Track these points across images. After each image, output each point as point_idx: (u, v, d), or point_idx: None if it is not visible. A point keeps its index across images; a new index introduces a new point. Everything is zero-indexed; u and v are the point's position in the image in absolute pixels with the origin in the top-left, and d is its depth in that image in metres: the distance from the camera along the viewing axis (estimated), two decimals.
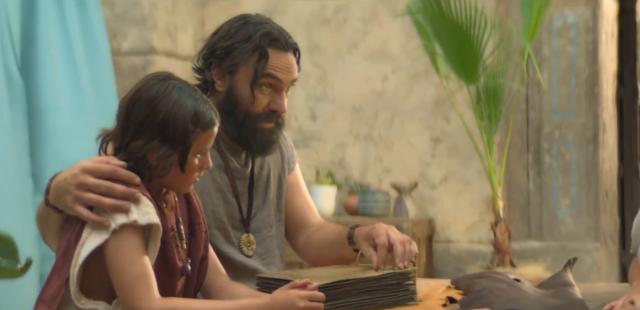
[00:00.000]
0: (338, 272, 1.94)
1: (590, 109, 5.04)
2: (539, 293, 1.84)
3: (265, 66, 2.05)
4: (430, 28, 4.57)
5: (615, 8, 5.60)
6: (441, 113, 5.16)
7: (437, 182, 5.16)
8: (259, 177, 2.21)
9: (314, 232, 2.26)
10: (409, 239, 1.99)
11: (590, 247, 5.06)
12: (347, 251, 2.11)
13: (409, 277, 1.90)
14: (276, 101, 2.08)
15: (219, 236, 2.12)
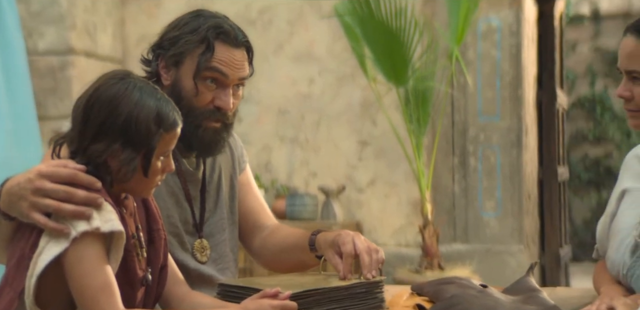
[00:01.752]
0: (305, 280, 1.87)
1: (514, 112, 5.10)
2: (511, 299, 1.81)
3: (210, 59, 1.97)
4: (359, 30, 4.54)
5: (535, 12, 5.70)
6: (368, 116, 5.14)
7: (364, 185, 5.15)
8: (210, 179, 2.12)
9: (269, 234, 2.18)
10: (375, 247, 1.94)
11: (514, 249, 5.11)
12: (308, 257, 2.05)
13: (378, 286, 1.86)
14: (221, 97, 1.99)
15: (174, 242, 2.02)
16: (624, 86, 1.82)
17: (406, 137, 4.61)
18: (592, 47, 9.34)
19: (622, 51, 1.82)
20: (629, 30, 1.82)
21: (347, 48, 4.93)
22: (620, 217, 1.94)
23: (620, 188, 1.99)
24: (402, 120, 4.70)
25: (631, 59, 1.79)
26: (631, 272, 1.84)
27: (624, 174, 2.01)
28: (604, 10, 9.34)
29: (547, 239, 5.77)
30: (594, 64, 9.33)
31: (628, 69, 1.80)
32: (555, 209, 5.79)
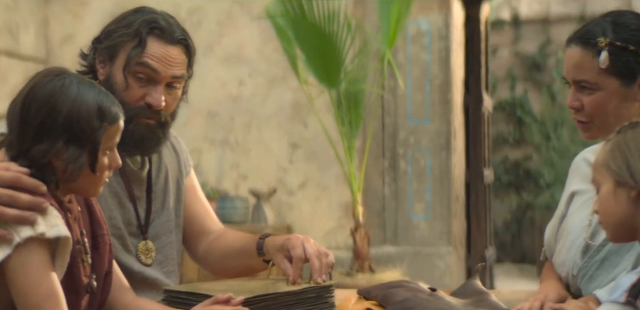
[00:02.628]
0: (254, 285, 1.84)
1: (443, 115, 5.15)
2: (461, 303, 1.81)
3: (141, 54, 1.92)
4: (291, 32, 4.53)
5: (462, 16, 5.76)
6: (299, 118, 5.13)
7: (295, 188, 5.13)
8: (157, 180, 2.07)
9: (215, 239, 2.14)
10: (325, 251, 1.91)
11: (443, 251, 5.16)
12: (256, 262, 2.01)
13: (329, 291, 1.83)
14: (152, 94, 1.93)
15: (116, 244, 1.96)
16: (573, 96, 1.81)
17: (338, 140, 4.61)
18: (512, 51, 9.51)
19: (568, 62, 1.81)
20: (572, 41, 1.82)
21: (278, 50, 4.90)
22: (571, 218, 1.96)
23: (569, 191, 2.01)
24: (333, 122, 4.69)
25: (578, 69, 1.79)
26: (582, 273, 1.86)
27: (572, 177, 2.03)
28: (523, 15, 9.52)
29: (473, 240, 5.84)
30: (514, 68, 9.50)
31: (576, 79, 1.80)
32: (481, 211, 5.87)
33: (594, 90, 1.80)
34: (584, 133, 1.85)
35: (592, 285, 1.82)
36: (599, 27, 1.80)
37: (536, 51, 9.50)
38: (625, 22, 1.81)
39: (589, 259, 1.85)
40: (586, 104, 1.81)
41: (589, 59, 1.78)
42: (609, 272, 1.82)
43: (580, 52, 1.79)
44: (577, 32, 1.83)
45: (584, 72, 1.79)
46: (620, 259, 1.81)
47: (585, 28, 1.82)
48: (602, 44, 1.77)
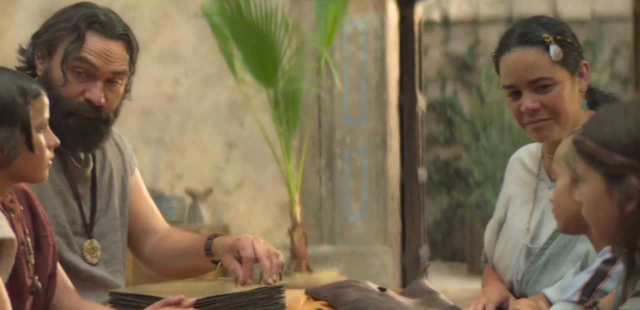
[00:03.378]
0: (203, 287, 1.81)
1: (379, 114, 5.18)
2: (413, 303, 1.82)
3: (79, 49, 1.88)
4: (228, 30, 4.50)
5: (397, 16, 5.80)
6: (236, 117, 5.10)
7: (232, 188, 5.10)
8: (101, 178, 2.02)
9: (161, 239, 2.10)
10: (275, 251, 1.90)
11: (379, 250, 5.19)
12: (203, 262, 1.99)
13: (280, 291, 1.82)
14: (91, 90, 1.89)
15: (61, 243, 1.91)
16: (530, 99, 1.80)
17: (275, 139, 4.59)
18: (443, 52, 9.61)
19: (517, 65, 1.80)
20: (518, 44, 1.80)
21: (214, 48, 4.86)
22: (510, 223, 1.97)
23: (505, 194, 2.02)
24: (270, 122, 4.68)
25: (533, 68, 1.79)
26: (526, 278, 1.87)
27: (508, 178, 2.04)
28: (453, 16, 9.63)
29: (408, 239, 5.88)
30: (444, 68, 9.60)
31: (532, 79, 1.79)
32: (415, 210, 5.92)
33: (551, 86, 1.81)
34: (544, 132, 1.84)
35: (537, 289, 1.83)
36: (531, 28, 1.82)
37: (466, 52, 9.62)
38: (549, 22, 1.85)
39: (531, 264, 1.87)
40: (547, 101, 1.82)
41: (540, 56, 1.80)
42: (552, 275, 1.84)
43: (530, 51, 1.80)
44: (519, 36, 1.83)
45: (540, 70, 1.80)
46: (562, 260, 1.83)
47: (519, 32, 1.83)
48: (548, 39, 1.80)
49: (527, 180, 1.98)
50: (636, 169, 1.33)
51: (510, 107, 1.85)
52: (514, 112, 1.85)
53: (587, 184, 1.39)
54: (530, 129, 1.85)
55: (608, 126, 1.37)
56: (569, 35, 1.84)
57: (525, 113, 1.82)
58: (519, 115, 1.84)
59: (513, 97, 1.84)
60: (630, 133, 1.34)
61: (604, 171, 1.36)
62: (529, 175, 1.98)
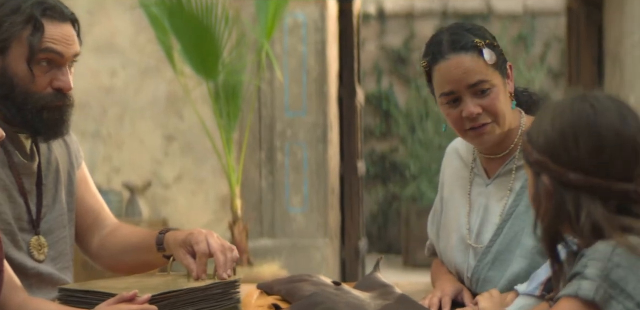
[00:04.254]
0: (156, 282, 1.77)
1: (320, 107, 5.17)
2: (369, 296, 1.80)
3: (41, 40, 1.82)
4: (167, 22, 4.43)
5: (337, 9, 5.79)
6: (175, 110, 5.03)
7: (171, 182, 5.03)
8: (48, 173, 1.96)
9: (110, 234, 2.05)
10: (230, 246, 1.86)
11: (320, 243, 5.18)
12: (155, 257, 1.94)
13: (235, 286, 1.79)
14: (59, 78, 1.84)
15: (7, 241, 1.84)
16: (472, 104, 1.80)
17: (215, 132, 4.54)
18: (379, 45, 9.64)
19: (456, 71, 1.79)
20: (452, 51, 1.80)
21: (152, 40, 4.79)
22: (450, 216, 1.96)
23: (442, 187, 2.02)
24: (210, 115, 4.63)
25: (472, 73, 1.80)
26: (476, 277, 1.87)
27: (445, 171, 2.04)
28: (388, 10, 9.66)
29: (347, 232, 5.89)
30: (380, 61, 9.63)
31: (472, 83, 1.80)
32: (355, 204, 5.92)
33: (490, 90, 1.82)
34: (486, 137, 1.84)
35: (487, 287, 1.83)
36: (460, 35, 1.84)
37: (401, 45, 9.67)
38: (473, 27, 1.87)
39: (479, 262, 1.87)
40: (487, 104, 1.82)
41: (476, 61, 1.81)
42: (503, 272, 1.84)
43: (466, 57, 1.81)
44: (439, 47, 1.82)
45: (478, 74, 1.81)
46: (511, 256, 1.83)
47: (449, 39, 1.83)
48: (481, 44, 1.82)
49: (463, 174, 1.98)
50: (548, 168, 1.35)
51: (450, 115, 1.84)
52: (454, 119, 1.84)
53: (529, 177, 1.42)
54: (473, 135, 1.85)
55: (536, 124, 1.41)
56: (494, 39, 1.87)
57: (467, 119, 1.82)
58: (459, 122, 1.83)
59: (451, 105, 1.83)
60: (547, 133, 1.37)
61: (530, 167, 1.40)
62: (464, 169, 1.99)
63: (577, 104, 1.38)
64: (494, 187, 1.91)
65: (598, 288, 1.26)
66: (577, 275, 1.29)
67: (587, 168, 1.34)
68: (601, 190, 1.33)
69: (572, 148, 1.35)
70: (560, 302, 1.29)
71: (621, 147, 1.34)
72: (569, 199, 1.34)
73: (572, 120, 1.36)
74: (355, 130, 5.89)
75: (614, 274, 1.27)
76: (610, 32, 5.66)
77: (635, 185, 1.33)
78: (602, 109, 1.36)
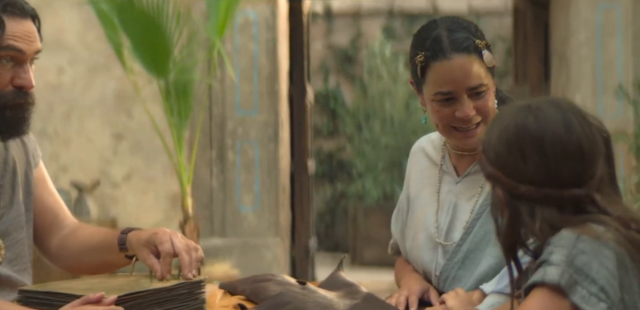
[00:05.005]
0: (119, 283, 1.74)
1: (271, 106, 5.15)
2: (336, 296, 1.79)
3: (2, 37, 1.77)
4: (116, 19, 4.37)
5: (287, 7, 5.77)
6: (124, 108, 4.97)
7: (120, 180, 4.97)
8: (4, 173, 1.91)
9: (69, 234, 2.01)
10: (194, 245, 1.83)
11: (270, 242, 5.16)
12: (116, 257, 1.90)
13: (200, 286, 1.77)
14: (21, 76, 1.80)
15: None
16: (467, 106, 1.79)
17: (165, 131, 4.50)
18: (325, 44, 9.65)
19: (459, 72, 1.77)
20: (455, 51, 1.78)
21: (100, 37, 4.72)
22: (417, 214, 1.95)
23: (408, 186, 2.01)
24: (160, 113, 4.58)
25: (474, 76, 1.78)
26: (445, 275, 1.86)
27: (411, 169, 2.03)
28: (335, 8, 9.68)
29: (297, 231, 5.88)
30: (327, 60, 9.65)
31: (471, 86, 1.78)
32: (305, 202, 5.92)
33: (485, 92, 1.81)
34: (473, 139, 1.83)
35: (456, 286, 1.83)
36: (460, 34, 1.81)
37: (348, 44, 9.70)
38: (469, 25, 1.85)
39: (448, 261, 1.86)
40: (481, 108, 1.81)
41: (477, 62, 1.79)
42: (472, 271, 1.83)
43: (468, 59, 1.79)
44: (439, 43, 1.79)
45: (479, 77, 1.79)
46: (481, 255, 1.83)
47: (448, 37, 1.80)
48: (482, 45, 1.81)
49: (431, 173, 1.97)
50: (500, 181, 1.37)
51: (440, 112, 1.82)
52: (443, 117, 1.82)
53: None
54: (459, 136, 1.84)
55: (487, 136, 1.42)
56: (486, 39, 1.86)
57: (460, 120, 1.81)
58: (447, 120, 1.82)
59: (444, 103, 1.81)
60: (496, 147, 1.39)
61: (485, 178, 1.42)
62: (432, 167, 1.97)
63: (520, 116, 1.40)
64: (463, 185, 1.91)
65: (563, 272, 1.29)
66: (543, 262, 1.32)
67: (537, 180, 1.36)
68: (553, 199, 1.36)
69: (519, 162, 1.37)
70: (530, 293, 1.31)
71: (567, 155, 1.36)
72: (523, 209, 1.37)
73: (516, 134, 1.38)
74: (305, 129, 5.88)
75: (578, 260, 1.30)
76: (556, 31, 5.74)
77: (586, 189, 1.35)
78: (545, 119, 1.38)
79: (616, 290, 1.29)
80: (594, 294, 1.28)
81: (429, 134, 2.06)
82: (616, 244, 1.30)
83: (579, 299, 1.28)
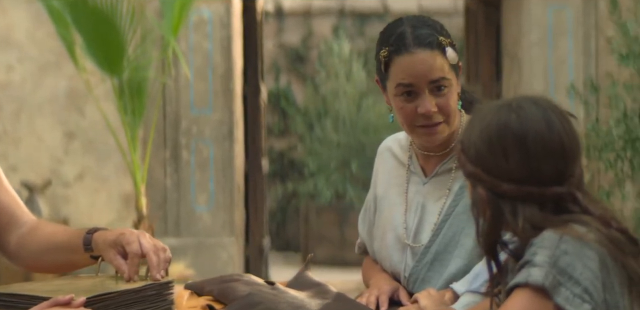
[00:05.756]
0: (86, 284, 1.70)
1: (225, 104, 5.11)
2: (306, 295, 1.78)
3: None
4: (69, 16, 4.30)
5: (240, 6, 5.74)
6: (76, 107, 4.90)
7: (72, 180, 4.90)
8: None
9: (29, 232, 1.95)
10: (162, 245, 1.80)
11: (225, 241, 5.13)
12: (80, 257, 1.86)
13: (169, 287, 1.74)
14: None
15: None
16: (428, 102, 1.79)
17: (119, 129, 4.44)
18: (276, 43, 9.63)
19: (421, 65, 1.78)
20: (418, 46, 1.79)
21: (51, 34, 4.64)
22: (386, 214, 1.95)
23: (375, 186, 2.00)
24: (114, 111, 4.52)
25: (435, 70, 1.79)
26: (414, 276, 1.86)
27: (378, 169, 2.02)
28: (286, 7, 9.67)
29: (252, 230, 5.85)
30: (278, 59, 9.63)
31: (434, 78, 1.79)
32: (259, 201, 5.89)
33: (447, 88, 1.81)
34: (436, 135, 1.83)
35: (425, 287, 1.82)
36: (424, 30, 1.82)
37: (299, 43, 9.69)
38: (434, 24, 1.86)
39: (417, 262, 1.86)
40: (442, 104, 1.81)
41: (439, 58, 1.80)
42: (441, 273, 1.83)
43: (431, 54, 1.79)
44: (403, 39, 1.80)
45: (440, 71, 1.80)
46: (450, 256, 1.83)
47: (412, 33, 1.81)
48: (445, 42, 1.81)
49: (399, 173, 1.96)
50: (482, 179, 1.37)
51: (403, 108, 1.82)
52: (406, 114, 1.82)
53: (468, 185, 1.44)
54: (422, 132, 1.84)
55: (467, 134, 1.42)
56: (451, 37, 1.87)
57: (422, 116, 1.81)
58: (411, 117, 1.82)
59: (406, 98, 1.82)
60: (476, 145, 1.39)
61: (465, 177, 1.41)
62: (399, 167, 1.97)
63: (502, 114, 1.40)
64: (431, 185, 1.90)
65: (547, 274, 1.29)
66: (527, 263, 1.32)
67: (519, 178, 1.36)
68: (535, 196, 1.36)
69: (501, 160, 1.37)
70: (513, 294, 1.30)
71: (549, 153, 1.37)
72: (505, 208, 1.37)
73: (498, 132, 1.38)
74: (260, 128, 5.86)
75: (562, 261, 1.30)
76: (508, 31, 5.80)
77: (567, 187, 1.36)
78: (527, 117, 1.38)
79: (599, 291, 1.29)
80: (577, 295, 1.28)
81: (395, 134, 2.05)
82: (598, 244, 1.30)
83: (563, 300, 1.28)
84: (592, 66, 5.22)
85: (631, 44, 4.39)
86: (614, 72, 4.61)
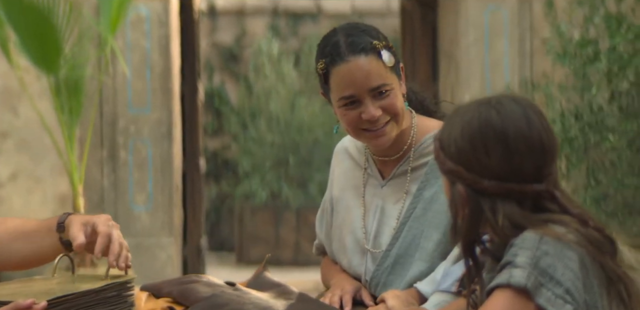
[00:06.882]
0: (43, 287, 1.66)
1: (164, 104, 5.06)
2: (269, 296, 1.76)
3: None
4: (2, 12, 4.19)
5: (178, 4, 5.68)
6: (9, 105, 4.78)
7: (5, 180, 4.78)
8: None
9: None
10: (126, 245, 1.77)
11: (164, 242, 5.08)
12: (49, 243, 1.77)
13: (128, 288, 1.70)
14: None
15: None
16: (372, 107, 1.77)
17: (55, 128, 4.35)
18: (210, 42, 9.58)
19: (357, 73, 1.76)
20: (352, 53, 1.77)
21: None
22: (344, 216, 1.94)
23: (332, 186, 1.99)
24: (50, 110, 4.42)
25: (374, 75, 1.77)
26: (375, 280, 1.85)
27: (334, 170, 2.01)
28: (219, 6, 9.63)
29: (189, 230, 5.80)
30: (211, 58, 9.58)
31: (374, 86, 1.77)
32: (197, 201, 5.85)
33: (389, 91, 1.79)
34: (383, 138, 1.82)
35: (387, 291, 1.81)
36: (358, 36, 1.80)
37: (232, 42, 9.65)
38: (368, 28, 1.85)
39: (378, 266, 1.85)
40: (386, 105, 1.79)
41: (375, 63, 1.78)
42: (403, 276, 1.83)
43: (366, 59, 1.78)
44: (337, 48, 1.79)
45: (380, 77, 1.78)
46: (411, 260, 1.83)
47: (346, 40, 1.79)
48: (379, 45, 1.79)
49: (355, 174, 1.96)
50: (462, 177, 1.38)
51: (346, 115, 1.81)
52: (350, 120, 1.81)
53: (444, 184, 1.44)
54: (369, 136, 1.83)
55: (446, 131, 1.42)
56: (387, 40, 1.85)
57: (368, 121, 1.80)
58: (355, 124, 1.81)
59: (349, 107, 1.80)
60: (457, 142, 1.39)
61: (444, 175, 1.41)
62: (356, 168, 1.96)
63: (483, 110, 1.40)
64: (388, 188, 1.90)
65: (529, 275, 1.30)
66: (508, 264, 1.32)
67: (500, 174, 1.37)
68: (515, 194, 1.36)
69: (483, 157, 1.37)
70: (493, 295, 1.30)
71: (530, 150, 1.37)
72: (485, 205, 1.37)
73: (480, 128, 1.38)
74: (197, 127, 5.81)
75: (543, 262, 1.30)
76: (444, 32, 5.85)
77: (545, 185, 1.37)
78: (507, 114, 1.39)
79: (580, 292, 1.29)
80: (559, 296, 1.29)
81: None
82: (577, 245, 1.31)
83: (545, 301, 1.28)
84: (528, 67, 5.31)
85: (566, 45, 4.48)
86: (548, 72, 4.70)
